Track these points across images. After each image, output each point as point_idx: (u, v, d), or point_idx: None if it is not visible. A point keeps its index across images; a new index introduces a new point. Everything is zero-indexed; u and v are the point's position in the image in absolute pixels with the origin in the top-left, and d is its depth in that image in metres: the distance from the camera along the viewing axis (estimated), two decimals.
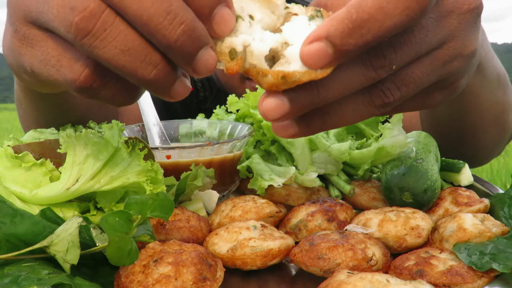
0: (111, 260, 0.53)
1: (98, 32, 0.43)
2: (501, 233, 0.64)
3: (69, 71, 0.47)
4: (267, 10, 0.48)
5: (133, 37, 0.44)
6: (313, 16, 0.48)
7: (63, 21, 0.44)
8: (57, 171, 0.75)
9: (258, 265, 0.64)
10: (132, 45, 0.44)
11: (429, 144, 0.88)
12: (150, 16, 0.43)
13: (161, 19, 0.43)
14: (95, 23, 0.43)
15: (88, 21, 0.43)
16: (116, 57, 0.44)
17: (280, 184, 0.85)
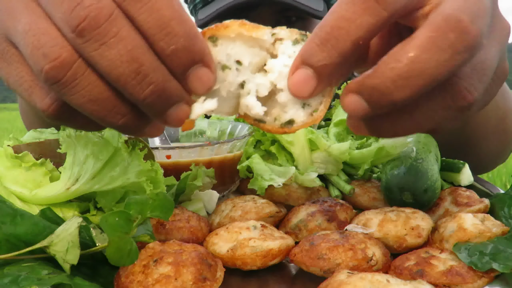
0: (111, 260, 0.53)
1: (67, 82, 0.43)
2: (501, 233, 0.64)
3: (39, 100, 0.48)
4: (256, 47, 0.49)
5: (102, 89, 0.44)
6: (298, 40, 0.50)
7: (35, 64, 0.44)
8: (57, 171, 0.75)
9: (258, 265, 0.64)
10: (101, 96, 0.44)
11: (429, 144, 0.88)
12: (119, 75, 0.43)
13: (130, 79, 0.43)
14: (65, 73, 0.43)
15: (58, 70, 0.43)
16: (84, 105, 0.45)
17: (280, 184, 0.85)
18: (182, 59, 0.44)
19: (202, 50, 0.45)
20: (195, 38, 0.44)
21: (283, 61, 0.49)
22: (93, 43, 0.42)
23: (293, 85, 0.47)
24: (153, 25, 0.43)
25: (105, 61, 0.43)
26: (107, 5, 0.42)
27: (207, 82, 0.46)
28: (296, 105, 0.49)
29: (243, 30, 0.48)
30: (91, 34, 0.42)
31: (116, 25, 0.42)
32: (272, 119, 0.50)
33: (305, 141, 0.93)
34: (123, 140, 0.68)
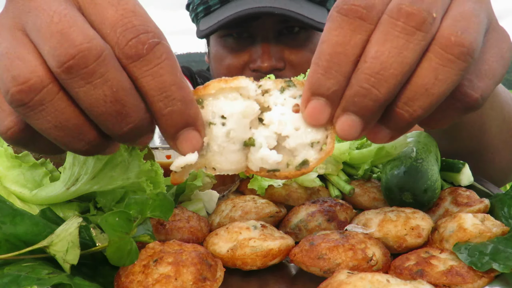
0: (111, 260, 0.53)
1: (33, 106, 0.44)
2: (501, 233, 0.64)
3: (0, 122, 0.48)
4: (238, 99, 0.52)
5: (70, 116, 0.46)
6: (284, 88, 0.54)
7: (3, 85, 0.45)
8: (57, 171, 0.75)
9: (258, 265, 0.64)
10: (68, 123, 0.46)
11: (429, 144, 0.88)
12: (101, 113, 0.45)
13: (111, 117, 0.45)
14: (32, 98, 0.44)
15: (25, 94, 0.44)
16: (48, 130, 0.46)
17: (280, 184, 0.85)
18: (176, 120, 0.48)
19: (195, 115, 0.49)
20: (190, 104, 0.48)
21: (279, 111, 0.53)
22: (79, 81, 0.43)
23: (309, 116, 0.50)
24: (154, 87, 0.46)
25: (89, 98, 0.44)
26: (96, 45, 0.43)
27: (195, 144, 0.50)
28: (305, 146, 0.52)
29: (221, 84, 0.52)
30: (78, 72, 0.43)
31: (104, 66, 0.44)
32: (285, 165, 0.53)
33: None
34: None
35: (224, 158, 0.53)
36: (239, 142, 0.53)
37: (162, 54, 0.46)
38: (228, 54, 1.55)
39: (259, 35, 1.48)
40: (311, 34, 1.54)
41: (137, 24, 0.45)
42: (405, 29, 0.45)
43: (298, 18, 1.39)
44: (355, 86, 0.47)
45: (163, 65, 0.46)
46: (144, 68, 0.45)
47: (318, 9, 1.49)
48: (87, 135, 0.47)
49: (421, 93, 0.46)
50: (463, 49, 0.45)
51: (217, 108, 0.52)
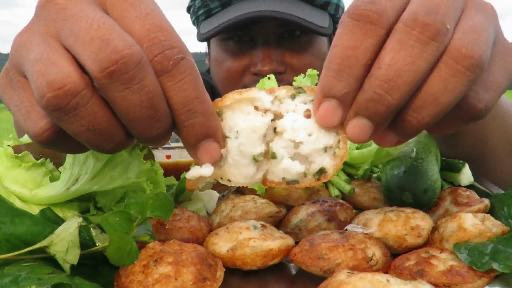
0: (111, 260, 0.53)
1: (68, 111, 0.46)
2: (501, 233, 0.64)
3: (33, 125, 0.50)
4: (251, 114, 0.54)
5: (102, 120, 0.47)
6: (294, 95, 0.55)
7: (37, 90, 0.46)
8: (57, 171, 0.75)
9: (258, 265, 0.64)
10: (100, 127, 0.47)
11: (429, 144, 0.88)
12: (136, 117, 0.47)
13: (144, 122, 0.47)
14: (67, 103, 0.45)
15: (61, 99, 0.45)
16: (81, 134, 0.47)
17: None
18: (197, 132, 0.50)
19: (215, 127, 0.52)
20: (211, 117, 0.51)
21: (291, 117, 0.54)
22: (119, 86, 0.45)
23: (322, 118, 0.51)
24: (178, 101, 0.48)
25: (125, 103, 0.46)
26: (137, 52, 0.45)
27: (214, 155, 0.52)
28: (319, 151, 0.54)
29: (236, 95, 0.54)
30: (119, 77, 0.45)
31: (143, 72, 0.45)
32: (302, 175, 0.55)
33: None
34: None
35: (238, 171, 0.55)
36: (249, 157, 0.54)
37: (186, 70, 0.48)
38: (228, 57, 1.54)
39: (260, 39, 1.48)
40: (312, 38, 1.53)
41: (162, 40, 0.47)
42: (420, 38, 0.46)
43: (299, 22, 1.38)
44: (368, 91, 0.48)
45: (186, 80, 0.48)
46: (169, 83, 0.47)
47: (320, 13, 1.48)
48: (116, 137, 0.49)
49: (430, 101, 0.48)
50: (473, 61, 0.46)
51: (232, 122, 0.54)
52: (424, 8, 0.47)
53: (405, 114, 0.49)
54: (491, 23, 0.50)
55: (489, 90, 0.51)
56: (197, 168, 0.53)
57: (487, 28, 0.49)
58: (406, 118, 0.49)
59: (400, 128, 0.51)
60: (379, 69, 0.47)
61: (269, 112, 0.54)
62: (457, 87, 0.47)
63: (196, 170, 0.53)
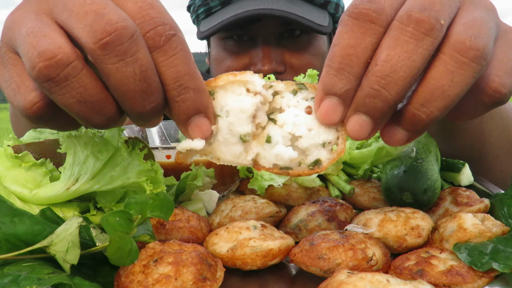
0: (111, 260, 0.53)
1: (59, 81, 0.46)
2: (501, 233, 0.64)
3: (23, 98, 0.50)
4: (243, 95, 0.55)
5: (93, 91, 0.48)
6: (296, 90, 0.56)
7: (29, 61, 0.47)
8: (57, 171, 0.75)
9: (258, 265, 0.64)
10: (90, 99, 0.48)
11: (429, 144, 0.88)
12: (128, 90, 0.47)
13: (137, 95, 0.48)
14: (58, 73, 0.46)
15: (52, 69, 0.46)
16: (71, 105, 0.48)
17: (280, 184, 0.85)
18: (188, 107, 0.51)
19: (206, 104, 0.52)
20: (202, 93, 0.51)
21: (292, 112, 0.55)
22: (113, 58, 0.46)
23: (323, 115, 0.52)
24: (169, 76, 0.49)
25: (118, 75, 0.47)
26: (131, 25, 0.46)
27: (205, 131, 0.53)
28: (317, 146, 0.55)
29: (230, 77, 0.55)
30: (113, 49, 0.46)
31: (136, 45, 0.46)
32: (297, 164, 0.56)
33: None
34: (123, 140, 0.68)
35: (227, 149, 0.56)
36: (237, 136, 0.55)
37: (178, 46, 0.48)
38: (228, 56, 1.55)
39: (260, 38, 1.48)
40: (312, 37, 1.53)
41: (154, 17, 0.48)
42: (415, 34, 0.47)
43: (299, 20, 1.38)
44: (366, 87, 0.49)
45: (178, 55, 0.48)
46: (161, 58, 0.48)
47: (320, 12, 1.48)
48: (107, 110, 0.49)
49: (438, 95, 0.48)
50: (477, 52, 0.47)
51: (224, 102, 0.55)
52: (418, 5, 0.48)
53: (414, 109, 0.50)
54: (491, 16, 0.51)
55: (511, 75, 0.52)
56: (188, 141, 0.54)
57: (487, 21, 0.50)
58: (415, 113, 0.50)
59: (410, 124, 0.51)
60: (376, 65, 0.48)
61: (259, 95, 0.55)
62: (464, 79, 0.48)
63: (188, 143, 0.54)
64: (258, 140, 0.56)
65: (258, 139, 0.56)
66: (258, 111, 0.56)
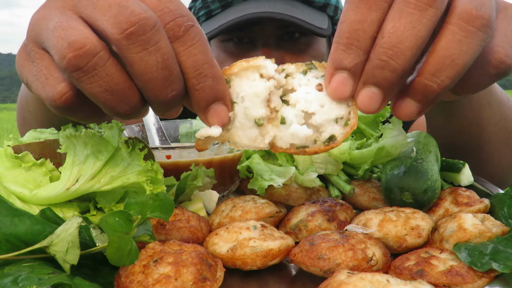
0: (111, 260, 0.53)
1: (87, 70, 0.49)
2: (501, 233, 0.64)
3: (52, 90, 0.53)
4: (256, 81, 0.57)
5: (119, 80, 0.50)
6: (306, 70, 0.58)
7: (58, 52, 0.49)
8: (57, 171, 0.75)
9: (258, 265, 0.64)
10: (116, 87, 0.50)
11: (429, 144, 0.88)
12: (151, 78, 0.50)
13: (159, 83, 0.51)
14: (87, 62, 0.49)
15: (81, 59, 0.49)
16: (99, 94, 0.50)
17: (280, 184, 0.85)
18: (207, 95, 0.53)
19: (224, 91, 0.55)
20: (220, 80, 0.54)
21: (304, 90, 0.57)
22: (137, 47, 0.49)
23: (334, 89, 0.54)
24: (189, 65, 0.51)
25: (142, 64, 0.49)
26: (152, 16, 0.49)
27: (223, 117, 0.55)
28: (330, 122, 0.56)
29: (243, 63, 0.57)
30: (137, 38, 0.48)
31: (158, 35, 0.49)
32: (312, 142, 0.57)
33: None
34: (123, 140, 0.68)
35: (243, 134, 0.58)
36: (252, 120, 0.58)
37: (196, 36, 0.51)
38: (228, 58, 1.55)
39: (260, 40, 1.49)
40: (311, 40, 1.54)
41: (173, 9, 0.51)
42: (418, 6, 0.49)
43: (298, 23, 1.39)
44: (374, 59, 0.51)
45: (197, 45, 0.51)
46: (181, 48, 0.51)
47: (319, 15, 1.48)
48: (132, 99, 0.52)
49: (448, 63, 0.50)
50: (483, 21, 0.49)
51: (239, 88, 0.57)
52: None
53: (425, 80, 0.51)
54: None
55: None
56: (206, 128, 0.56)
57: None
58: (426, 83, 0.51)
59: (421, 95, 0.52)
60: (382, 37, 0.50)
61: (272, 80, 0.57)
62: (472, 47, 0.49)
63: (206, 130, 0.56)
64: (273, 123, 0.58)
65: (273, 122, 0.58)
66: (272, 95, 0.58)
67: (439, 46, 0.50)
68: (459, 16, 0.50)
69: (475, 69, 0.53)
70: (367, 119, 1.05)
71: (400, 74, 0.51)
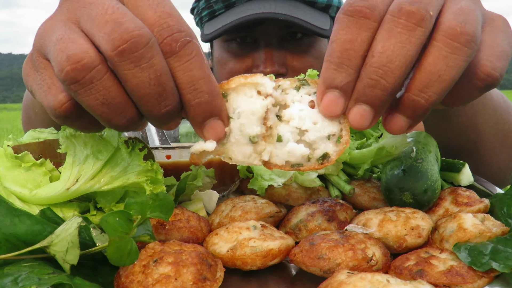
0: (111, 260, 0.53)
1: (84, 83, 0.50)
2: (501, 233, 0.64)
3: (53, 99, 0.54)
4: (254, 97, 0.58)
5: (115, 94, 0.51)
6: (298, 86, 0.59)
7: (58, 65, 0.50)
8: (57, 171, 0.75)
9: (258, 265, 0.64)
10: (113, 101, 0.51)
11: (429, 144, 0.88)
12: (144, 94, 0.51)
13: (153, 99, 0.51)
14: (84, 76, 0.50)
15: (78, 72, 0.49)
16: (95, 107, 0.51)
17: (280, 184, 0.85)
18: (203, 110, 0.54)
19: (220, 107, 0.55)
20: (217, 96, 0.54)
21: (297, 107, 0.58)
22: (129, 64, 0.49)
23: (326, 107, 0.55)
24: (185, 81, 0.52)
25: (135, 80, 0.50)
26: (146, 33, 0.49)
27: (219, 132, 0.56)
28: (323, 139, 0.57)
29: (241, 79, 0.58)
30: (129, 56, 0.49)
31: (151, 52, 0.50)
32: (306, 159, 0.58)
33: None
34: (123, 140, 0.68)
35: (238, 150, 0.58)
36: (247, 137, 0.58)
37: (193, 51, 0.52)
38: (231, 58, 1.56)
39: (262, 41, 1.49)
40: (314, 40, 1.54)
41: (172, 25, 0.51)
42: (407, 26, 0.51)
43: (301, 24, 1.40)
44: (365, 78, 0.52)
45: (193, 61, 0.52)
46: (177, 63, 0.51)
47: (321, 15, 1.49)
48: (128, 113, 0.53)
49: (435, 79, 0.51)
50: (468, 37, 0.51)
51: (236, 104, 0.58)
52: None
53: (413, 95, 0.52)
54: (476, 5, 0.55)
55: (501, 59, 0.55)
56: (201, 142, 0.57)
57: (474, 9, 0.53)
58: (415, 99, 0.52)
59: (409, 110, 0.53)
60: (373, 57, 0.51)
61: (270, 97, 0.58)
62: (458, 63, 0.51)
63: (200, 145, 0.57)
64: (268, 140, 0.59)
65: (268, 140, 0.59)
66: (269, 113, 0.58)
67: (426, 63, 0.51)
68: (445, 33, 0.51)
69: (462, 83, 0.54)
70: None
71: (390, 92, 0.52)
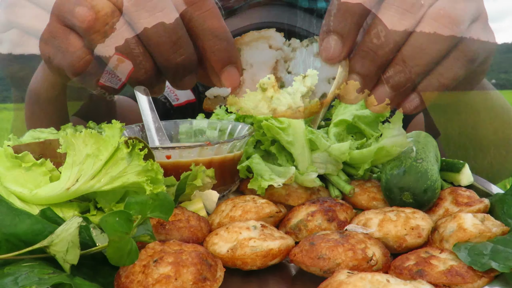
0: (111, 260, 0.53)
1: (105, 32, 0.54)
2: (501, 233, 0.64)
3: (71, 56, 0.59)
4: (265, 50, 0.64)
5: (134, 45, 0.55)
6: (308, 44, 0.66)
7: (79, 17, 0.55)
8: (57, 171, 0.75)
9: (258, 265, 0.64)
10: (131, 51, 0.55)
11: (429, 144, 0.88)
12: (159, 42, 0.55)
13: (168, 47, 0.55)
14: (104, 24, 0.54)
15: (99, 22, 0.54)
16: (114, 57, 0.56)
17: (280, 184, 0.85)
18: (224, 57, 0.59)
19: (236, 55, 0.61)
20: (234, 45, 0.60)
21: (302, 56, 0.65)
22: (144, 13, 0.54)
23: (324, 50, 0.61)
24: (206, 28, 0.57)
25: (151, 29, 0.54)
26: None
27: (236, 80, 0.61)
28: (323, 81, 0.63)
29: (255, 33, 0.64)
30: (144, 5, 0.54)
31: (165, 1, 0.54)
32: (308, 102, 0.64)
33: (305, 141, 0.93)
34: (123, 140, 0.68)
35: (248, 98, 0.63)
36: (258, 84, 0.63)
37: (210, 3, 0.57)
38: None
39: None
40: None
41: None
42: (398, 10, 0.59)
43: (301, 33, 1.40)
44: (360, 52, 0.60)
45: (213, 10, 0.57)
46: (197, 12, 0.56)
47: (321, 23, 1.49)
48: (145, 64, 0.57)
49: (418, 51, 0.59)
50: (449, 19, 0.58)
51: (248, 57, 0.64)
52: None
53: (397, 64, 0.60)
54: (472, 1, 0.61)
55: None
56: (216, 88, 0.62)
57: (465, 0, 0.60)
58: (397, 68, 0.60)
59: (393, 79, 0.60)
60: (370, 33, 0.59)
61: (280, 51, 0.63)
62: (439, 39, 0.58)
63: (216, 89, 0.62)
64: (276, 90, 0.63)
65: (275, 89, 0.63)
66: (279, 64, 0.63)
67: (412, 38, 0.59)
68: (430, 15, 0.59)
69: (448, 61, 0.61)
70: (367, 119, 1.05)
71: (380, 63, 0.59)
